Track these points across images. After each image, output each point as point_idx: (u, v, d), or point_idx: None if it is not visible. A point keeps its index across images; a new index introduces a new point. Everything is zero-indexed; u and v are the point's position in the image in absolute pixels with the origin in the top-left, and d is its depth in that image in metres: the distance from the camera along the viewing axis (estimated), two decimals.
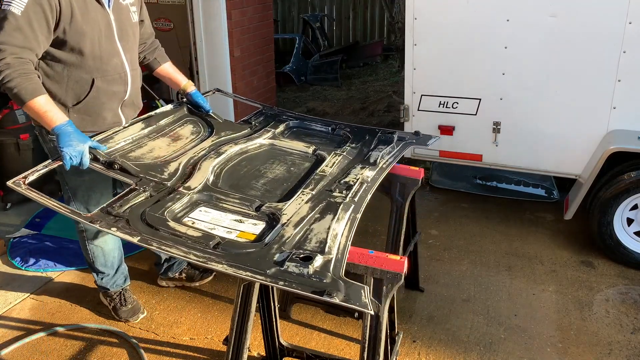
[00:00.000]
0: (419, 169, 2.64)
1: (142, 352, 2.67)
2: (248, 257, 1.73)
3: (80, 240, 2.81)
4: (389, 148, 2.57)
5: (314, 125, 2.85)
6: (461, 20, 3.51)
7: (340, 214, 1.97)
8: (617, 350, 2.66)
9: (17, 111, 4.15)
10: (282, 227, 1.89)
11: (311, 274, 1.64)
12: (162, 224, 1.87)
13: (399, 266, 1.83)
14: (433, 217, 4.00)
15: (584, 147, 3.40)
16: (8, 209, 4.27)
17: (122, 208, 1.96)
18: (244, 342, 2.03)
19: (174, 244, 1.79)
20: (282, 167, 2.40)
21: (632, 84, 3.19)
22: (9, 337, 2.82)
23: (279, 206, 2.02)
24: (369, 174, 2.28)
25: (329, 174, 2.29)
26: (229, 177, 2.28)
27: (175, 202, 2.02)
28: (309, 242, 1.81)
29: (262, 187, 2.23)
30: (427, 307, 3.01)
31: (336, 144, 2.67)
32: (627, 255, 3.32)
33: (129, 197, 2.03)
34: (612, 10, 3.10)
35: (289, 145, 2.60)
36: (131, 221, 1.89)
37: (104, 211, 1.96)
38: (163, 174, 2.21)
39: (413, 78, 3.79)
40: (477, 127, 3.69)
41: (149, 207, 1.96)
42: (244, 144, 2.54)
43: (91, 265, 2.86)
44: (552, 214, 3.96)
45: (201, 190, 2.12)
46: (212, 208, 2.04)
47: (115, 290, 2.90)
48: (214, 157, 2.36)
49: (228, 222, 1.96)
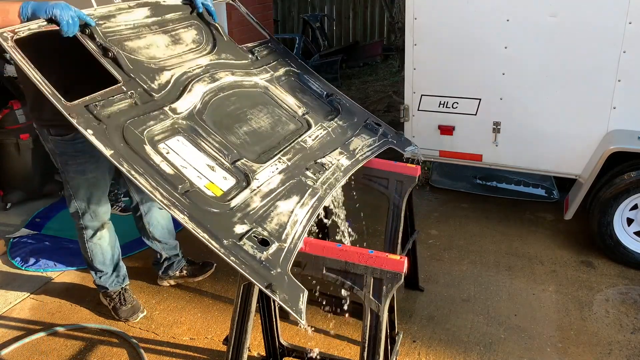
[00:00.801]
0: (415, 166, 2.64)
1: (142, 352, 2.67)
2: (211, 217, 1.70)
3: (79, 238, 2.81)
4: (371, 140, 2.55)
5: (311, 83, 2.75)
6: (461, 20, 3.51)
7: (306, 199, 1.96)
8: (617, 350, 2.66)
9: (17, 111, 4.15)
10: (250, 194, 1.86)
11: (263, 260, 1.64)
12: (138, 146, 1.78)
13: (399, 266, 1.83)
14: (433, 217, 4.00)
15: (584, 147, 3.40)
16: (8, 209, 4.27)
17: (104, 110, 1.81)
18: (244, 342, 2.03)
19: (144, 174, 1.71)
20: (268, 119, 2.32)
21: (632, 84, 3.19)
22: (9, 337, 2.82)
23: (254, 167, 1.97)
24: (344, 163, 2.26)
25: (309, 147, 2.24)
26: (215, 111, 2.17)
27: (157, 123, 1.91)
28: (270, 221, 1.80)
29: (243, 136, 2.14)
30: (427, 307, 3.01)
31: (326, 113, 2.60)
32: (627, 255, 3.32)
33: (114, 98, 1.87)
34: (612, 10, 3.10)
35: (281, 97, 2.50)
36: (109, 129, 1.76)
37: (85, 106, 1.78)
38: (154, 82, 2.06)
39: (413, 78, 3.79)
40: (477, 127, 3.69)
41: (130, 120, 1.84)
42: (240, 77, 2.41)
43: (90, 264, 2.86)
44: (552, 214, 3.96)
45: (186, 117, 2.02)
46: (189, 142, 1.95)
47: (115, 289, 2.90)
48: (207, 81, 2.23)
49: (201, 165, 1.89)
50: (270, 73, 2.59)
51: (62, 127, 2.41)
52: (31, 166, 4.27)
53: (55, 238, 3.80)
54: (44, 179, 4.40)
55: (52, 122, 2.43)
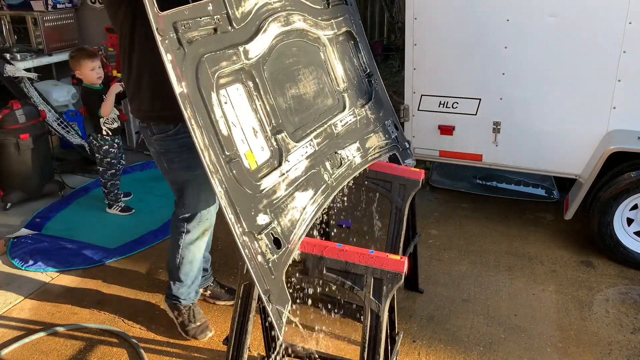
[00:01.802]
0: (419, 170, 2.63)
1: (142, 352, 2.67)
2: (242, 198, 1.65)
3: (172, 244, 2.64)
4: (384, 142, 2.50)
5: (361, 55, 2.62)
6: (461, 20, 3.51)
7: (318, 195, 1.92)
8: (617, 350, 2.66)
9: (17, 111, 4.15)
10: (279, 178, 1.82)
11: (270, 261, 1.61)
12: (207, 90, 1.66)
13: (399, 266, 1.83)
14: (433, 217, 4.00)
15: (584, 147, 3.40)
16: (8, 209, 4.27)
17: (188, 33, 1.67)
18: (244, 342, 2.03)
19: (202, 127, 1.61)
20: (314, 86, 2.21)
21: (632, 84, 3.19)
22: (9, 337, 2.81)
23: (289, 145, 1.91)
24: (357, 161, 2.22)
25: (336, 134, 2.18)
26: (276, 61, 2.03)
27: (229, 65, 1.79)
28: (284, 216, 1.76)
29: (289, 100, 2.04)
30: (427, 307, 3.01)
31: (359, 96, 2.51)
32: (627, 255, 3.32)
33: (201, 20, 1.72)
34: (612, 10, 3.10)
35: (333, 63, 2.38)
36: (186, 59, 1.64)
37: (173, 23, 1.64)
38: (239, 8, 1.90)
39: (413, 78, 3.79)
40: (477, 127, 3.69)
41: (208, 55, 1.71)
42: (309, 26, 2.25)
43: (173, 271, 2.70)
44: (552, 214, 3.96)
45: (253, 65, 1.89)
46: (246, 95, 1.84)
47: (186, 303, 2.77)
48: (282, 22, 2.07)
49: (248, 126, 1.79)
50: (334, 31, 2.44)
51: (162, 119, 2.35)
52: (31, 166, 4.27)
53: (55, 238, 3.79)
54: (44, 179, 4.40)
55: (150, 113, 2.36)
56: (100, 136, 3.97)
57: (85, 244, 3.71)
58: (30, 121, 4.22)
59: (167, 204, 4.31)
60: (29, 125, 4.21)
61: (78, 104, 5.51)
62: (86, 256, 3.53)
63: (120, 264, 3.48)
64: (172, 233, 2.66)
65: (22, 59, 5.22)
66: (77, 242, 3.73)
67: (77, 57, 3.86)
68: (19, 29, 5.69)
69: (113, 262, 3.49)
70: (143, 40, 2.20)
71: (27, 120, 4.19)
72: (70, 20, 5.78)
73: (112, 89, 3.89)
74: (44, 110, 4.49)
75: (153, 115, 2.38)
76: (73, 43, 5.66)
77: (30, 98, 4.76)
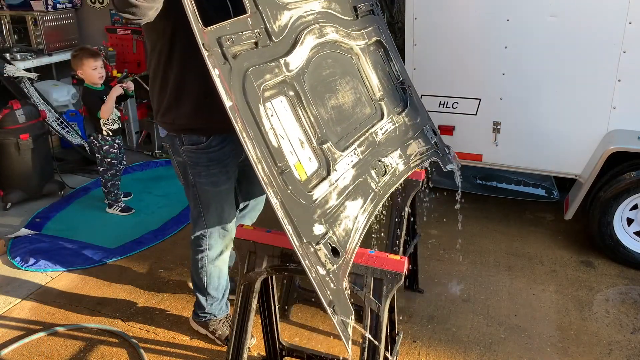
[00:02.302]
0: (420, 170, 2.63)
1: (142, 352, 2.67)
2: (297, 208, 1.64)
3: (196, 261, 2.60)
4: (424, 148, 2.48)
5: (393, 63, 2.62)
6: (461, 20, 3.50)
7: (368, 204, 1.90)
8: (617, 350, 2.66)
9: (17, 111, 4.15)
10: (329, 188, 1.81)
11: (330, 271, 1.59)
12: (254, 103, 1.67)
13: (399, 266, 1.83)
14: (433, 217, 4.00)
15: (584, 147, 3.40)
16: (8, 209, 4.27)
17: (232, 47, 1.69)
18: (244, 342, 2.03)
19: (254, 139, 1.61)
20: (351, 96, 2.22)
21: (632, 84, 3.19)
22: (9, 337, 2.82)
23: (335, 155, 1.91)
24: (400, 168, 2.20)
25: (378, 142, 2.17)
26: (314, 72, 2.05)
27: (272, 78, 1.80)
28: (338, 225, 1.74)
29: (330, 111, 2.05)
30: (427, 307, 3.01)
31: (396, 103, 2.52)
32: (627, 255, 3.32)
33: (242, 34, 1.74)
34: (612, 10, 3.10)
35: (367, 72, 2.39)
36: (233, 73, 1.65)
37: (217, 38, 1.65)
38: (275, 22, 1.92)
39: (413, 78, 3.79)
40: (477, 127, 3.68)
41: (252, 69, 1.73)
42: (341, 37, 2.27)
43: (202, 290, 2.65)
44: (552, 214, 3.96)
45: (294, 77, 1.91)
46: (290, 107, 1.86)
47: (221, 316, 2.74)
48: (316, 34, 2.09)
49: (295, 138, 1.80)
50: (365, 41, 2.45)
51: (196, 132, 2.32)
52: (31, 166, 4.27)
53: (55, 238, 3.80)
54: (44, 179, 4.40)
55: (186, 126, 2.31)
56: (100, 136, 3.97)
57: (85, 244, 3.71)
58: (30, 121, 4.22)
59: (167, 204, 4.31)
60: (29, 125, 4.21)
61: (78, 104, 5.51)
62: (86, 256, 3.53)
63: (120, 264, 3.48)
64: (193, 252, 2.60)
65: (22, 59, 5.23)
66: (77, 242, 3.73)
67: (80, 56, 3.86)
68: (19, 29, 5.70)
69: (113, 262, 3.49)
70: (183, 55, 2.17)
71: (27, 120, 4.19)
72: (70, 20, 5.78)
73: (112, 92, 3.88)
74: (44, 110, 4.49)
75: (189, 128, 2.33)
76: (73, 43, 5.66)
77: (30, 98, 4.77)
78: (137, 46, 5.63)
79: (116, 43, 5.70)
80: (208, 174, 2.39)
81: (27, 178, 4.29)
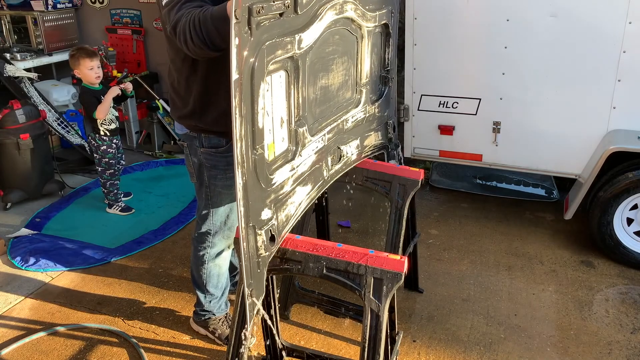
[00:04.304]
0: (419, 170, 2.64)
1: (142, 352, 2.67)
2: (256, 191, 1.67)
3: (197, 258, 2.61)
4: (379, 142, 2.52)
5: (388, 50, 2.62)
6: (461, 20, 3.51)
7: (314, 191, 1.94)
8: (617, 350, 2.66)
9: (17, 111, 4.15)
10: (289, 173, 1.82)
11: (261, 256, 1.63)
12: (257, 80, 1.64)
13: (399, 266, 1.83)
14: (433, 217, 4.00)
15: (584, 147, 3.40)
16: (8, 209, 4.27)
17: (259, 16, 1.62)
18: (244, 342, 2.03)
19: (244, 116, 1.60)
20: (341, 78, 2.22)
21: (632, 84, 3.19)
22: (9, 337, 2.82)
23: (305, 140, 1.92)
24: (353, 158, 2.24)
25: (345, 130, 2.19)
26: (319, 48, 2.02)
27: (283, 52, 1.77)
28: (283, 210, 1.78)
29: (317, 91, 2.05)
30: (427, 307, 3.01)
31: (373, 92, 2.52)
32: (627, 255, 3.32)
33: (274, 3, 1.68)
34: (612, 10, 3.10)
35: (363, 56, 2.38)
36: (251, 44, 1.60)
37: (249, 5, 1.58)
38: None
39: (413, 78, 3.79)
40: (477, 127, 3.69)
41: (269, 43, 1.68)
42: (357, 16, 2.25)
43: (201, 287, 2.67)
44: (552, 214, 3.96)
45: (302, 54, 1.88)
46: (285, 84, 1.84)
47: (220, 315, 2.75)
48: (337, 10, 2.07)
49: (278, 116, 1.80)
50: (375, 24, 2.43)
51: (219, 135, 2.30)
52: (31, 166, 4.27)
53: (55, 238, 3.80)
54: (44, 179, 4.40)
55: (211, 128, 2.29)
56: (98, 136, 3.97)
57: (86, 243, 3.71)
58: (30, 121, 4.22)
59: (167, 204, 4.32)
60: (29, 125, 4.21)
61: (78, 104, 5.51)
62: (86, 256, 3.54)
63: (120, 264, 3.48)
64: (195, 248, 2.61)
65: (22, 59, 5.23)
66: (77, 242, 3.73)
67: (77, 55, 3.86)
68: (19, 28, 5.70)
69: (113, 262, 3.49)
70: (213, 58, 2.09)
71: (27, 120, 4.19)
72: (70, 20, 5.78)
73: (109, 93, 3.88)
74: (44, 110, 4.49)
75: (213, 130, 2.32)
76: (73, 43, 5.66)
77: (30, 98, 4.77)
78: (137, 46, 5.63)
79: (116, 43, 5.71)
80: (225, 177, 2.39)
81: (27, 178, 4.29)
